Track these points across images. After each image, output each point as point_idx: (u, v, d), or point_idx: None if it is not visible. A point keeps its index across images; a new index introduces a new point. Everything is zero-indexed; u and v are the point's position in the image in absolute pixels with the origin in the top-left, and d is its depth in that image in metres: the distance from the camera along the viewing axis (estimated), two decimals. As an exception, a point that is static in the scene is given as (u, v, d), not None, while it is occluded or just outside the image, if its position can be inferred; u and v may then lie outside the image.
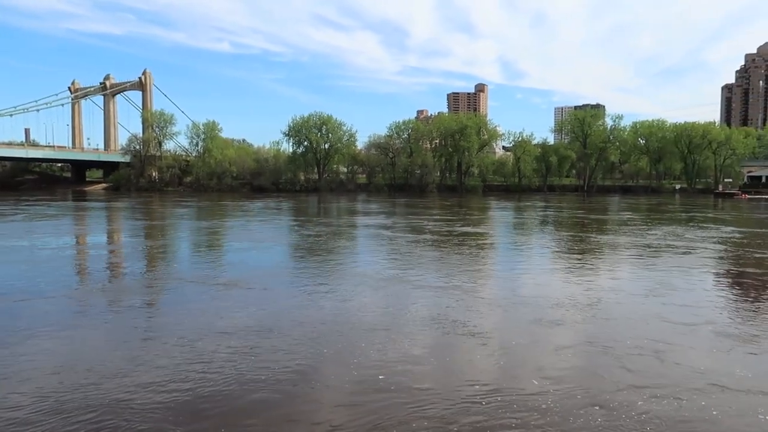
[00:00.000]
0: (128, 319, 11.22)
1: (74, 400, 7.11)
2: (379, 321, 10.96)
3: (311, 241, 25.30)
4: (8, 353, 8.91)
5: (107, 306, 12.57)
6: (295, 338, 9.78)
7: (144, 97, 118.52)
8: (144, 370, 8.19)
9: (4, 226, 32.89)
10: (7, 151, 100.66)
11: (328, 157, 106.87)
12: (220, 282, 15.04)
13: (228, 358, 8.73)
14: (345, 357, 8.77)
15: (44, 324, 10.74)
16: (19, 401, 7.09)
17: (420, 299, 12.95)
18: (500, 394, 7.32)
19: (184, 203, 59.28)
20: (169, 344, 9.44)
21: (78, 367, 8.26)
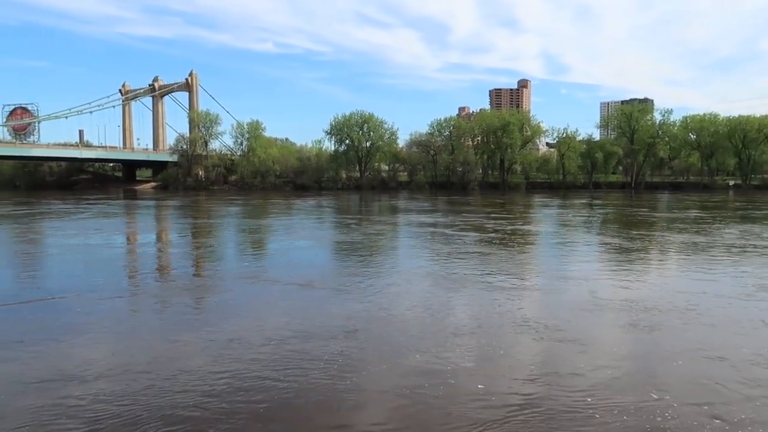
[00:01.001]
0: (211, 318, 11.36)
1: (177, 402, 7.26)
2: (467, 324, 10.81)
3: (375, 240, 25.38)
4: (101, 354, 9.21)
5: (192, 305, 12.83)
6: (383, 342, 9.72)
7: (190, 98, 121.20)
8: (231, 371, 8.26)
9: (75, 225, 34.02)
10: (63, 152, 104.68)
11: (369, 155, 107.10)
12: (296, 282, 15.14)
13: (318, 360, 8.70)
14: (440, 364, 8.64)
15: (152, 327, 11.09)
16: (92, 397, 7.25)
17: (502, 301, 12.78)
18: (618, 407, 7.06)
19: (235, 201, 60.27)
20: (254, 345, 9.52)
21: (167, 369, 8.44)
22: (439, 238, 25.89)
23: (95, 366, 8.56)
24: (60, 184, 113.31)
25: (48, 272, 17.73)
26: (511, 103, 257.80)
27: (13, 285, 15.64)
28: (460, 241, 24.14)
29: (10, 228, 33.94)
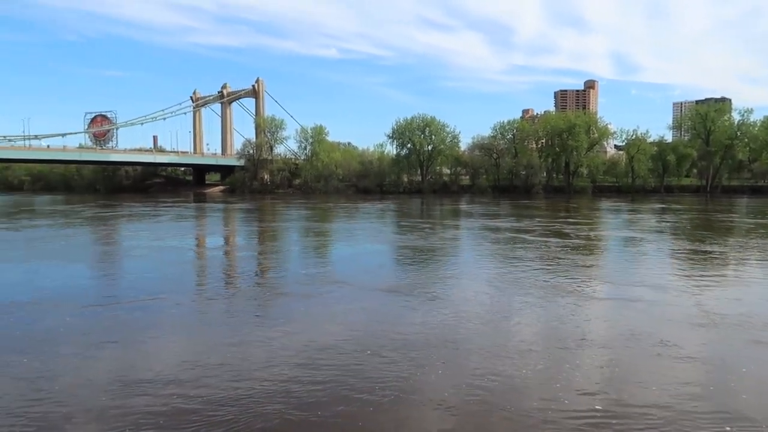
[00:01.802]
0: (301, 324, 11.48)
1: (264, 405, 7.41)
2: (572, 337, 10.49)
3: (454, 245, 25.36)
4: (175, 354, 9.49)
5: (281, 310, 12.97)
6: (485, 353, 9.58)
7: (257, 104, 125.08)
8: (329, 378, 8.34)
9: (157, 227, 35.76)
10: (139, 157, 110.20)
11: (431, 158, 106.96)
12: (384, 288, 15.24)
13: (419, 367, 8.65)
14: (552, 377, 8.46)
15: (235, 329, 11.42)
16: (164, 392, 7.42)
17: (604, 312, 12.48)
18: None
19: (301, 205, 61.51)
20: (349, 351, 9.56)
21: (258, 375, 8.59)
22: (519, 243, 25.45)
23: (171, 369, 8.86)
24: (135, 187, 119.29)
25: (134, 273, 18.43)
26: (577, 105, 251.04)
27: (103, 286, 16.47)
28: (543, 247, 23.64)
29: (101, 229, 36.02)
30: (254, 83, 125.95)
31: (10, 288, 15.88)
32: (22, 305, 13.16)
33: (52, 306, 13.05)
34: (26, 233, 32.83)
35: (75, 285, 16.61)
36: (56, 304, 13.20)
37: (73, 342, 10.32)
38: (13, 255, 22.81)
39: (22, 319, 11.84)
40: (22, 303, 13.42)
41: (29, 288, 15.67)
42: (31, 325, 11.38)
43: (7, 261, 21.12)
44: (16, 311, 12.55)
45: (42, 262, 20.94)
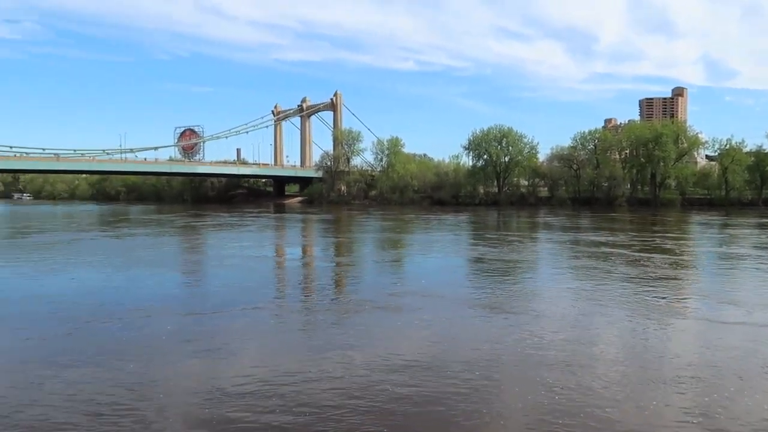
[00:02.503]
0: (401, 338, 11.43)
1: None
2: (663, 358, 9.92)
3: (540, 259, 24.68)
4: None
5: (379, 322, 12.95)
6: (606, 382, 9.10)
7: (335, 117, 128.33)
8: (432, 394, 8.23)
9: (247, 236, 37.28)
10: (224, 169, 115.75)
11: (508, 170, 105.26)
12: (481, 304, 14.98)
13: (495, 385, 8.38)
14: (642, 405, 8.02)
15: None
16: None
17: (732, 340, 11.43)
18: None
19: (378, 215, 62.27)
20: (452, 369, 9.33)
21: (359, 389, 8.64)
22: (619, 259, 24.21)
23: (263, 380, 9.02)
24: (220, 198, 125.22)
25: (228, 282, 18.98)
26: (663, 113, 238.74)
27: (201, 295, 16.98)
28: (648, 264, 22.39)
29: (195, 238, 38.10)
30: (332, 97, 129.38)
31: (118, 293, 16.98)
32: (128, 311, 14.03)
33: (154, 313, 13.88)
34: (128, 242, 35.22)
35: (174, 293, 17.59)
36: (158, 312, 14.02)
37: (175, 349, 10.88)
38: (118, 262, 24.49)
39: (129, 325, 12.63)
40: (128, 309, 14.31)
41: (134, 294, 16.75)
42: (137, 332, 12.09)
43: (114, 268, 22.62)
44: (124, 317, 13.40)
45: (144, 269, 22.37)
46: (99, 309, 14.53)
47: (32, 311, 14.38)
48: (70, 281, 19.51)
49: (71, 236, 38.83)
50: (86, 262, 24.27)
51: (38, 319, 13.46)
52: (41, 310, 14.51)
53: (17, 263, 24.46)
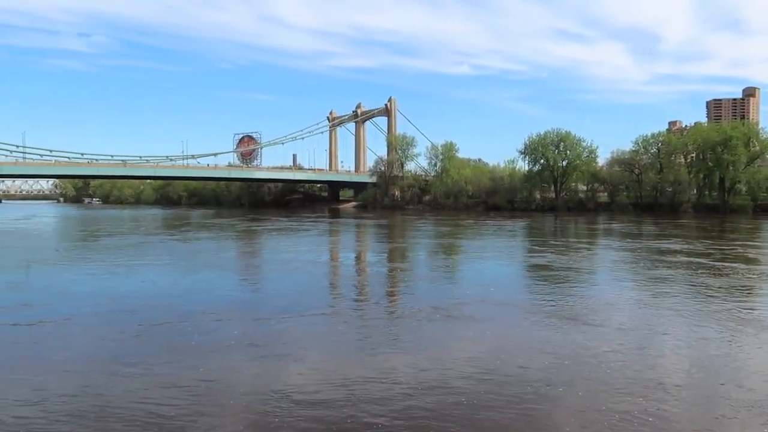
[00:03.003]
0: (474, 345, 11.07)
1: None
2: (738, 377, 9.15)
3: (625, 268, 23.49)
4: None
5: (427, 327, 12.62)
6: (686, 404, 8.53)
7: (389, 122, 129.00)
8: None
9: (308, 241, 37.81)
10: (280, 174, 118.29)
11: (565, 174, 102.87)
12: (557, 314, 14.24)
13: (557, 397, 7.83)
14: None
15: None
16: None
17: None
18: None
19: (433, 221, 61.90)
20: (489, 380, 8.92)
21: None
22: (699, 269, 22.66)
23: (317, 386, 8.95)
24: (276, 202, 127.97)
25: (293, 288, 19.00)
26: (733, 115, 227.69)
27: (267, 299, 17.10)
28: (733, 275, 20.96)
29: (257, 243, 38.86)
30: (387, 102, 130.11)
31: (187, 296, 17.41)
32: (197, 314, 14.25)
33: (223, 317, 14.04)
34: (193, 245, 36.32)
35: (240, 296, 17.84)
36: (225, 316, 14.19)
37: (243, 354, 10.91)
38: (186, 265, 25.19)
39: (197, 329, 12.79)
40: (197, 312, 14.53)
41: (202, 298, 17.08)
42: (206, 335, 12.21)
43: (182, 271, 23.24)
44: (194, 320, 13.64)
45: (211, 272, 22.89)
46: (169, 311, 14.88)
47: (105, 311, 14.86)
48: (140, 283, 20.18)
49: (140, 239, 40.34)
50: (155, 265, 25.11)
51: (111, 319, 13.88)
52: (114, 310, 14.98)
53: (91, 265, 25.49)
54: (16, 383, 9.23)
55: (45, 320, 13.75)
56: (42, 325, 13.29)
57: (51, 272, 23.52)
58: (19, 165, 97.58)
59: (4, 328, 13.12)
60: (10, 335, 12.59)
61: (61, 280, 20.83)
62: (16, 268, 25.03)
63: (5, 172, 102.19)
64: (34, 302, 16.45)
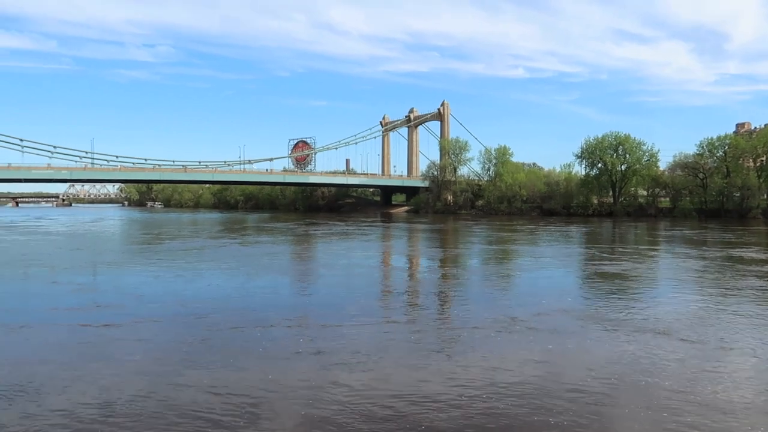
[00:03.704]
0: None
1: None
2: None
3: (712, 279, 22.07)
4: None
5: (483, 338, 12.34)
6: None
7: (442, 127, 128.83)
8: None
9: (369, 246, 38.26)
10: (333, 179, 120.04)
11: (624, 179, 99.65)
12: (650, 329, 13.46)
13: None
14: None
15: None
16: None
17: None
18: None
19: (492, 226, 61.31)
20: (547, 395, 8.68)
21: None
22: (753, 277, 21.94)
23: (350, 395, 8.99)
24: (329, 206, 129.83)
25: (354, 293, 19.26)
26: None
27: (334, 305, 17.16)
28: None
29: (319, 247, 39.56)
30: (439, 107, 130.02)
31: (253, 301, 17.64)
32: (263, 320, 14.56)
33: (289, 322, 14.29)
34: (255, 249, 37.18)
35: (305, 302, 18.10)
36: (292, 322, 14.40)
37: (311, 362, 10.92)
38: (249, 269, 25.69)
39: (265, 335, 13.04)
40: (263, 318, 14.84)
41: (267, 302, 17.50)
42: (273, 342, 12.40)
43: (247, 275, 23.78)
44: (260, 325, 13.91)
45: (275, 277, 23.53)
46: (237, 316, 15.17)
47: (174, 314, 15.37)
48: (207, 287, 20.66)
49: (203, 243, 41.78)
50: (221, 269, 25.86)
51: (180, 323, 14.32)
52: (182, 313, 15.49)
53: (158, 267, 26.48)
54: (86, 383, 9.60)
55: (115, 322, 14.31)
56: (112, 327, 13.82)
57: (121, 274, 24.56)
58: (88, 170, 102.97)
59: (76, 328, 13.77)
60: (82, 336, 13.13)
61: (130, 283, 21.73)
62: (88, 270, 26.41)
63: (76, 177, 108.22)
64: (106, 304, 17.18)
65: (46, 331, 13.61)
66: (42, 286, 21.41)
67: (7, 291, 20.35)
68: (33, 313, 15.78)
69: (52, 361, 11.00)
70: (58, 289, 20.26)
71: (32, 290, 20.54)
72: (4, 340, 12.77)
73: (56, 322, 14.47)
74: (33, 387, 9.39)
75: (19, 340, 12.86)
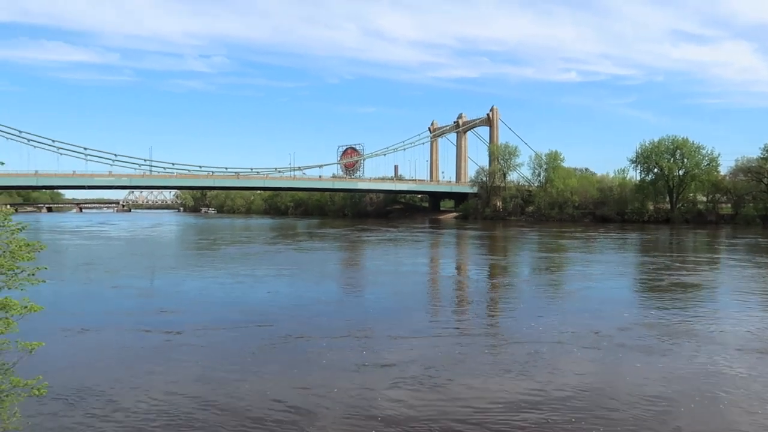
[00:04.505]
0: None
1: None
2: None
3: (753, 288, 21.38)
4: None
5: (529, 351, 12.02)
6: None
7: (491, 132, 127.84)
8: None
9: (425, 252, 38.48)
10: (382, 185, 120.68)
11: (682, 184, 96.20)
12: (745, 347, 12.83)
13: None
14: None
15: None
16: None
17: None
18: None
19: (543, 233, 60.36)
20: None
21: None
22: None
23: (422, 414, 8.77)
24: (378, 213, 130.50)
25: (416, 302, 19.33)
26: None
27: (391, 316, 17.10)
28: None
29: (379, 254, 39.92)
30: (489, 112, 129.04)
31: (315, 309, 17.71)
32: (326, 329, 14.65)
33: (352, 333, 14.21)
34: (311, 255, 37.89)
35: (367, 311, 17.83)
36: (356, 332, 14.32)
37: (377, 375, 10.78)
38: (310, 276, 26.26)
39: (330, 345, 13.06)
40: (326, 327, 14.97)
41: (330, 311, 17.61)
42: (337, 353, 12.33)
43: (308, 282, 24.30)
44: (323, 335, 13.93)
45: (335, 284, 24.16)
46: (300, 324, 15.18)
47: (236, 321, 15.53)
48: (267, 293, 21.14)
49: (259, 249, 42.90)
50: (280, 275, 26.39)
51: (243, 331, 14.41)
52: (244, 320, 15.68)
53: (218, 273, 27.23)
54: (148, 388, 9.83)
55: (178, 328, 14.59)
56: (175, 333, 14.08)
57: (183, 279, 25.25)
58: (146, 177, 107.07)
59: (139, 333, 14.19)
60: (145, 341, 13.46)
61: (192, 288, 22.41)
62: (151, 275, 27.55)
63: (135, 183, 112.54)
64: (169, 309, 17.62)
65: (109, 335, 14.06)
66: (106, 290, 22.27)
67: (74, 295, 21.12)
68: (97, 317, 16.37)
69: (114, 365, 11.33)
70: (122, 294, 21.06)
71: (97, 294, 21.38)
72: (68, 344, 13.11)
73: (120, 327, 14.94)
74: (96, 391, 9.67)
75: (83, 343, 13.32)
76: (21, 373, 6.72)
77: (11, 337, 6.60)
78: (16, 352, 6.70)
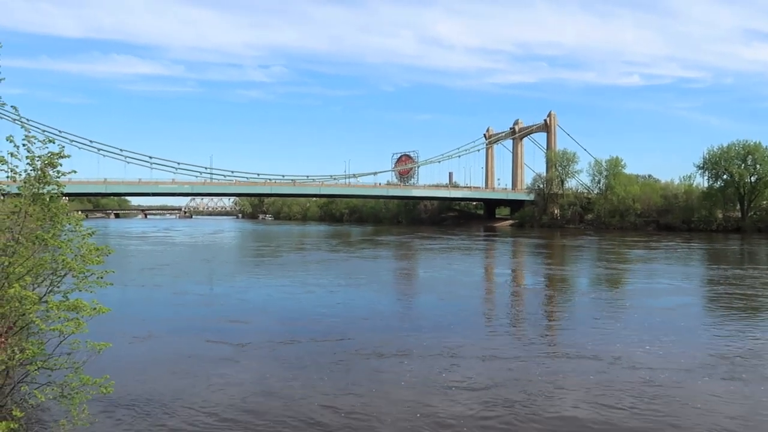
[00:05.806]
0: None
1: None
2: None
3: None
4: None
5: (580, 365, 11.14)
6: None
7: (548, 138, 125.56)
8: None
9: (488, 261, 38.08)
10: (436, 192, 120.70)
11: (755, 191, 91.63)
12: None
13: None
14: None
15: None
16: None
17: None
18: None
19: (605, 242, 58.60)
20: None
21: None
22: None
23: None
24: (432, 220, 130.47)
25: (482, 314, 18.86)
26: None
27: (459, 328, 16.32)
28: None
29: (446, 263, 39.86)
30: (546, 117, 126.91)
31: (391, 323, 17.26)
32: (407, 347, 14.17)
33: (440, 351, 13.39)
34: (377, 263, 37.80)
35: (454, 326, 16.50)
36: (442, 351, 13.57)
37: (467, 399, 10.02)
38: (379, 286, 25.86)
39: (414, 365, 12.60)
40: (407, 345, 14.41)
41: (408, 326, 16.64)
42: (419, 375, 11.78)
43: (377, 293, 23.82)
44: (405, 353, 13.45)
45: (403, 294, 23.99)
46: (375, 338, 14.58)
47: (304, 333, 15.04)
48: (337, 304, 20.58)
49: (321, 256, 43.48)
50: (348, 285, 25.96)
51: (310, 345, 13.67)
52: (313, 330, 15.25)
53: (282, 281, 27.26)
54: (210, 398, 9.63)
55: (243, 339, 13.99)
56: (240, 344, 13.53)
57: (247, 287, 25.24)
58: (207, 185, 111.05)
59: (203, 342, 13.87)
60: (209, 349, 13.17)
61: (257, 296, 22.34)
62: (216, 281, 28.07)
63: (196, 191, 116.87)
64: (233, 318, 17.27)
65: (173, 340, 14.14)
66: (172, 295, 22.56)
67: (139, 299, 21.42)
68: (162, 322, 16.57)
69: (178, 373, 11.25)
70: (188, 300, 21.16)
71: (162, 299, 21.68)
72: (133, 351, 13.04)
73: (184, 333, 14.97)
74: (157, 395, 9.73)
75: (147, 346, 13.50)
76: (89, 371, 7.02)
77: (81, 338, 6.93)
78: (86, 352, 7.03)
